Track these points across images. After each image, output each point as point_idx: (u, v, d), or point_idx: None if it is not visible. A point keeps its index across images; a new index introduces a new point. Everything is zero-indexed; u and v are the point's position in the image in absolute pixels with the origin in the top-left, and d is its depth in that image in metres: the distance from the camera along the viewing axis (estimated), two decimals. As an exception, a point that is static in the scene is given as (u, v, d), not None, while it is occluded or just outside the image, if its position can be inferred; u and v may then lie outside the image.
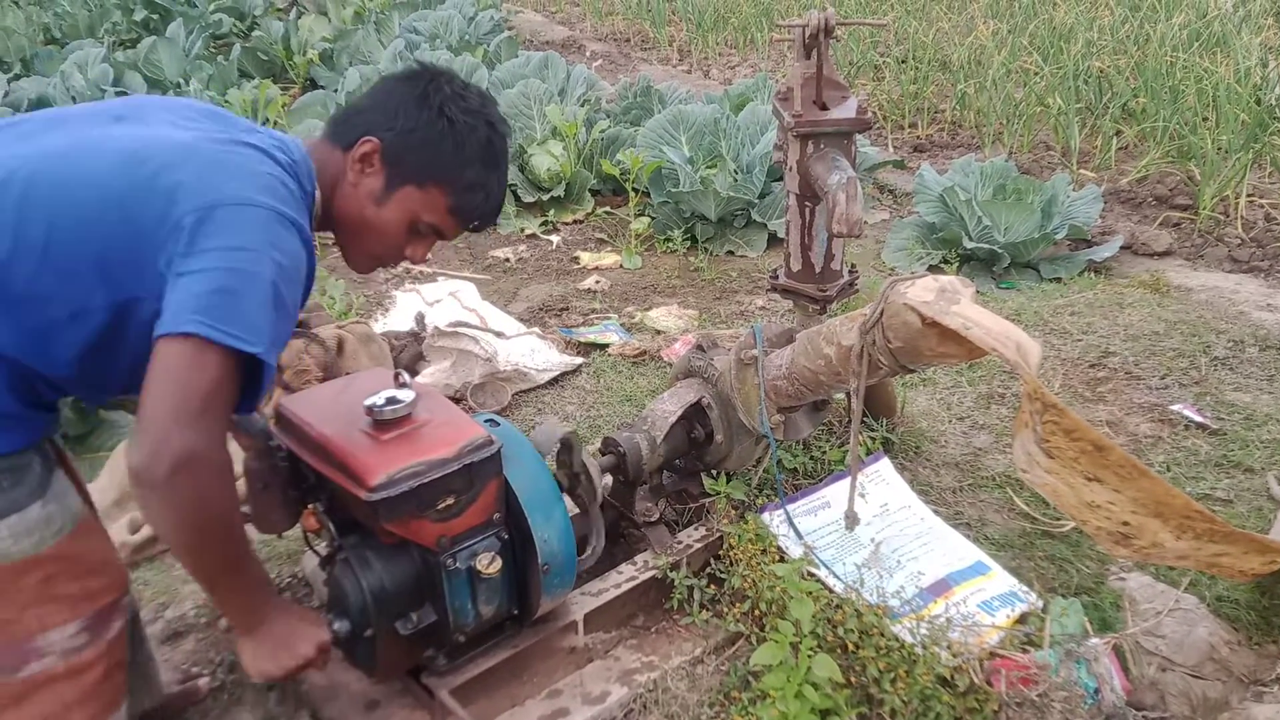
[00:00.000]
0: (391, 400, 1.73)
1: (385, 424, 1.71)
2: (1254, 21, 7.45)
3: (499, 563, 1.76)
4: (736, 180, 4.94)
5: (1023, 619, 2.12)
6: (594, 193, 5.64)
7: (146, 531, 2.58)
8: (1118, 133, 6.17)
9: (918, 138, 6.81)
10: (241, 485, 1.73)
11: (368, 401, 1.73)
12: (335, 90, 6.99)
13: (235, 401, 1.42)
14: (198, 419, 1.33)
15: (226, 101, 6.23)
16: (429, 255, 1.76)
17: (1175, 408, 3.12)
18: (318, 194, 1.61)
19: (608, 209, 5.52)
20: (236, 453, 1.85)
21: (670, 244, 4.94)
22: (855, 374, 1.94)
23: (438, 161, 1.62)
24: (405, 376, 1.82)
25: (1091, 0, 8.72)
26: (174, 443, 1.31)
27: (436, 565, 1.73)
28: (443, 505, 1.69)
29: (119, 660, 1.64)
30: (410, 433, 1.72)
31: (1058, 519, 2.54)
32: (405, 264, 2.14)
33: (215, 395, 1.35)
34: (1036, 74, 6.95)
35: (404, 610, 1.75)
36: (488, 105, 1.68)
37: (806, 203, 2.66)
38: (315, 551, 1.97)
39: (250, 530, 1.61)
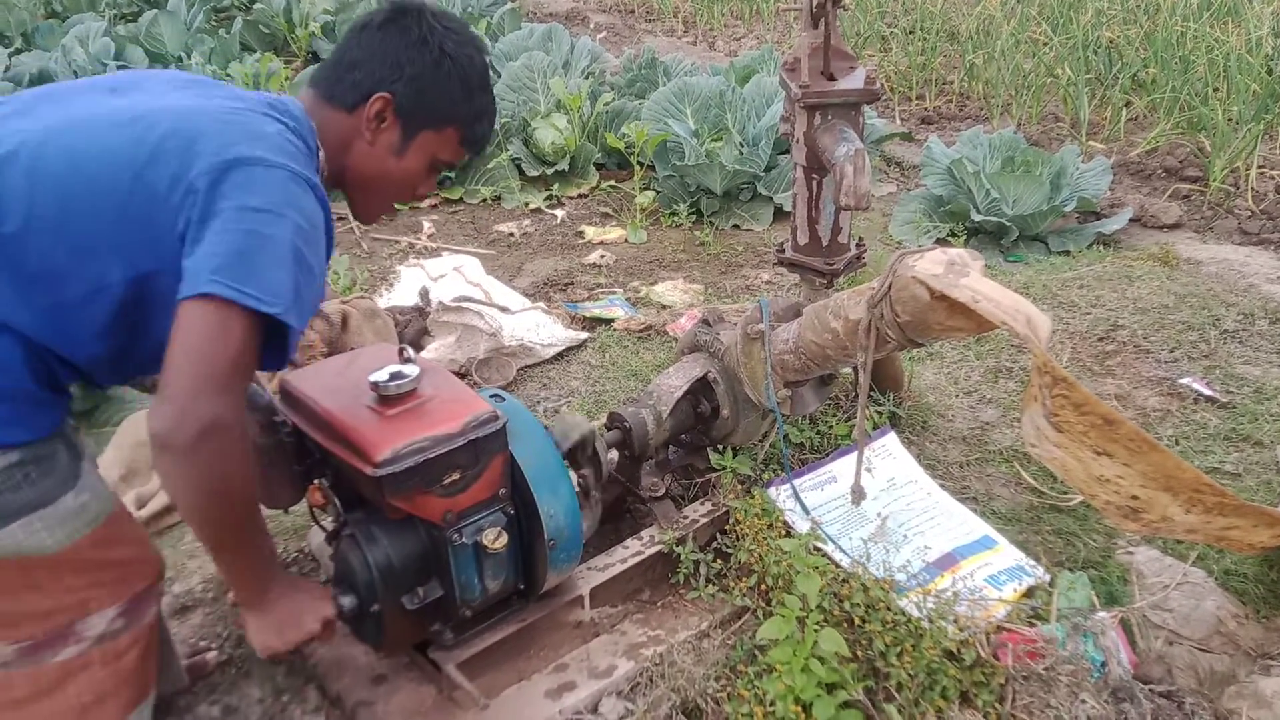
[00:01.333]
0: (396, 375, 1.72)
1: (390, 399, 1.70)
2: (1266, -10, 7.36)
3: (505, 538, 1.76)
4: (742, 153, 4.90)
5: (1030, 593, 2.12)
6: (599, 166, 5.60)
7: (153, 507, 2.59)
8: (1127, 104, 6.11)
9: (925, 109, 6.74)
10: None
11: (372, 377, 1.72)
12: (337, 63, 6.92)
13: (257, 365, 1.41)
14: (222, 387, 1.33)
15: (228, 75, 6.18)
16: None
17: (1184, 381, 3.11)
18: (322, 154, 1.60)
19: (612, 183, 5.48)
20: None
21: (675, 218, 4.90)
22: (862, 348, 1.93)
23: (451, 102, 1.64)
24: (410, 352, 1.81)
25: (1102, -31, 8.62)
26: (199, 410, 1.30)
27: (442, 540, 1.73)
28: (448, 480, 1.69)
29: (152, 647, 1.64)
30: (415, 408, 1.71)
31: (1065, 493, 2.54)
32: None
33: (239, 361, 1.35)
34: (1045, 44, 6.88)
35: (410, 585, 1.75)
36: (468, 28, 1.69)
37: (813, 175, 2.63)
38: (321, 527, 1.98)
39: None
